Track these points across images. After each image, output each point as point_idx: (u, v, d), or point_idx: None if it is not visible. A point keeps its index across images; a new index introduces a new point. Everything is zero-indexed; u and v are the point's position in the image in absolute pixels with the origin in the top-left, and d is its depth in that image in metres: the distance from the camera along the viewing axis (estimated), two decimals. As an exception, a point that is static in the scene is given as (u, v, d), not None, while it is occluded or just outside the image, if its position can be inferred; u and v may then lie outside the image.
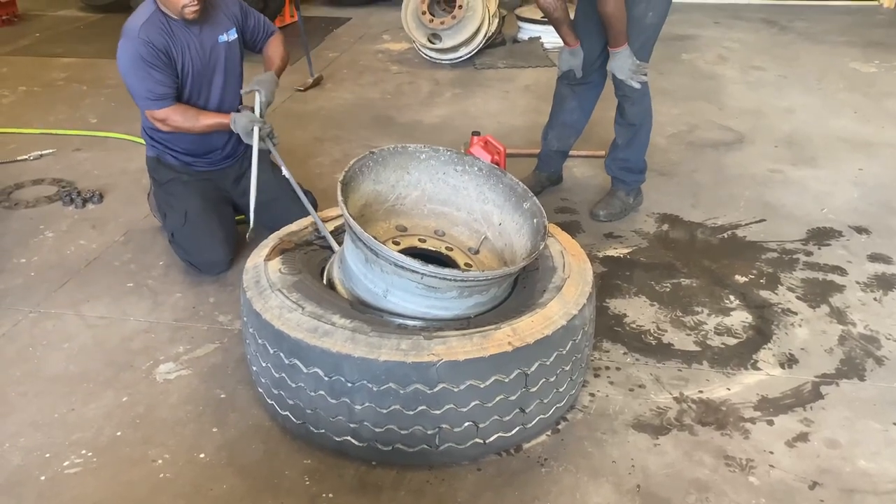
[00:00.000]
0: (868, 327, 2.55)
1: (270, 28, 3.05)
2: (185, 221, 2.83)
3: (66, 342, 2.52)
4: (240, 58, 2.94)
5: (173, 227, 2.87)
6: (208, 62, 2.82)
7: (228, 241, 2.88)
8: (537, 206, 2.20)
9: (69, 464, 2.03)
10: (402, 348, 1.86)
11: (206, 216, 2.85)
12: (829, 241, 3.08)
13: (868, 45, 5.72)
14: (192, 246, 2.84)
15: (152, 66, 2.66)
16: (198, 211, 2.84)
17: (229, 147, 3.00)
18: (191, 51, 2.75)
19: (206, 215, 2.85)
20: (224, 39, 2.84)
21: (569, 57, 3.09)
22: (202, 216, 2.84)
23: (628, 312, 2.65)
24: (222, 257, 2.85)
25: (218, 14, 2.83)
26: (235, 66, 2.93)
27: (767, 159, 3.85)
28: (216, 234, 2.84)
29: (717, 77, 5.13)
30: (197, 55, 2.77)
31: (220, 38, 2.83)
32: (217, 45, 2.83)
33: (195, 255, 2.85)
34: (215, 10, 2.82)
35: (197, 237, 2.83)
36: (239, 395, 2.27)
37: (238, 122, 2.70)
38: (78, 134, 4.23)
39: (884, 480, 1.96)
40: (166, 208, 2.92)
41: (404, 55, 5.72)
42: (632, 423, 2.16)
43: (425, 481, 1.97)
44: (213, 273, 2.85)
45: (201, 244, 2.83)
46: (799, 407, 2.21)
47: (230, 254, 2.88)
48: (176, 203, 2.88)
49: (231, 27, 2.87)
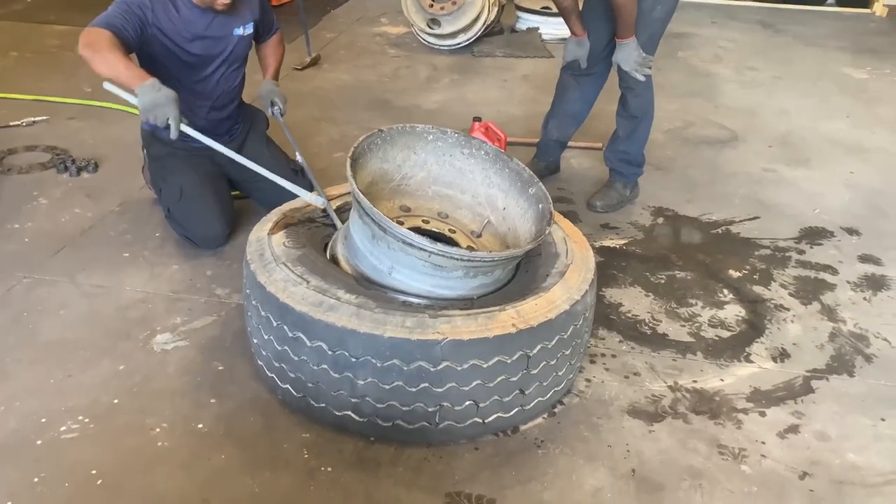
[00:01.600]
0: (858, 325, 2.60)
1: (275, 25, 3.04)
2: (180, 197, 2.81)
3: (61, 309, 2.50)
4: (247, 52, 2.92)
5: (169, 203, 2.85)
6: (212, 50, 2.77)
7: (225, 216, 2.87)
8: (543, 192, 2.22)
9: (66, 429, 2.02)
10: (408, 325, 1.87)
11: (201, 191, 2.82)
12: (820, 240, 3.13)
13: (860, 52, 5.78)
14: (189, 221, 2.82)
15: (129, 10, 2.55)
16: (193, 186, 2.82)
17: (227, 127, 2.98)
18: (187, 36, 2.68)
19: (201, 190, 2.82)
20: (239, 33, 2.80)
21: (575, 47, 3.10)
22: (198, 191, 2.82)
23: (624, 302, 2.68)
24: (219, 232, 2.84)
25: (240, 5, 2.79)
26: (240, 59, 2.89)
27: (762, 158, 3.89)
28: (213, 209, 2.83)
29: (712, 75, 5.17)
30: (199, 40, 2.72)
31: (236, 31, 2.79)
32: (230, 36, 2.78)
33: (192, 230, 2.83)
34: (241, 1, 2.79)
35: (193, 212, 2.81)
36: (237, 367, 2.27)
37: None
38: (72, 102, 4.17)
39: (872, 474, 2.01)
40: (161, 183, 2.89)
41: (402, 39, 5.70)
42: (627, 410, 2.19)
43: (423, 458, 1.98)
44: (210, 248, 2.84)
45: (198, 219, 2.81)
46: (790, 400, 2.25)
47: (227, 228, 2.87)
48: (171, 178, 2.85)
49: (249, 21, 2.84)
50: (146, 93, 2.40)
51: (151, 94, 2.40)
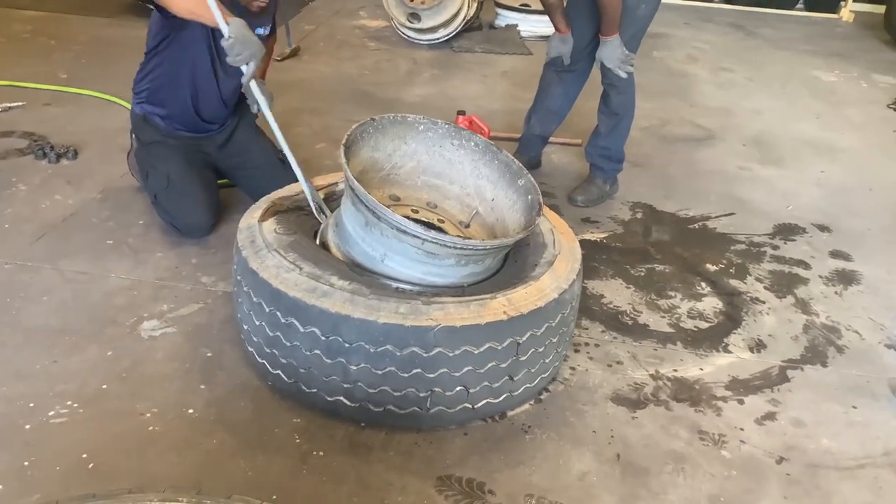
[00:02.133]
0: (830, 318, 2.69)
1: (275, 27, 3.04)
2: (167, 184, 2.79)
3: (44, 295, 2.48)
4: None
5: (156, 190, 2.83)
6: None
7: (211, 206, 2.86)
8: (532, 184, 2.26)
9: (54, 413, 2.01)
10: (401, 312, 1.90)
11: (188, 180, 2.81)
12: (794, 236, 3.23)
13: (829, 55, 5.94)
14: (175, 209, 2.81)
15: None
16: (180, 174, 2.80)
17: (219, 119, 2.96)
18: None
19: (188, 179, 2.81)
20: (261, 32, 2.80)
21: (559, 44, 3.15)
22: (185, 180, 2.80)
23: (605, 293, 2.74)
24: (205, 221, 2.83)
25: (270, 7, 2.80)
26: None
27: (736, 157, 3.99)
28: (199, 198, 2.82)
29: (687, 76, 5.27)
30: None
31: (258, 30, 2.76)
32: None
33: (178, 218, 2.82)
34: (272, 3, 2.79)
35: (180, 201, 2.80)
36: (226, 354, 2.28)
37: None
38: (48, 89, 4.11)
39: (845, 458, 2.09)
40: (149, 169, 2.86)
41: (381, 32, 5.71)
42: (611, 397, 2.24)
43: (414, 443, 2.01)
44: (195, 236, 2.83)
45: (184, 208, 2.80)
46: (767, 388, 2.33)
47: (213, 218, 2.86)
48: (159, 165, 2.82)
49: (268, 23, 2.85)
50: (239, 28, 2.38)
51: (243, 31, 2.39)
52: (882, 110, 4.85)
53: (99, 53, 4.68)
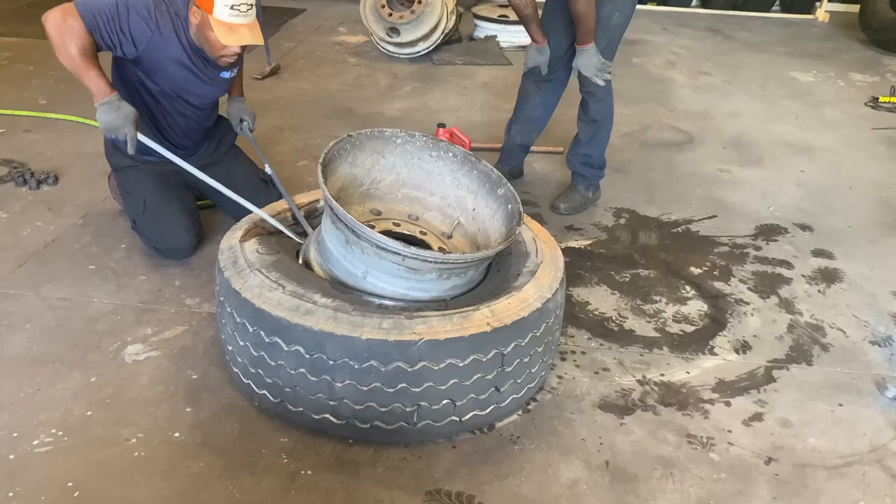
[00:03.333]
0: (814, 317, 2.71)
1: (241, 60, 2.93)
2: (144, 209, 2.78)
3: (27, 323, 2.46)
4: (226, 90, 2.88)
5: (134, 214, 2.82)
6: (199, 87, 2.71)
7: (191, 226, 2.84)
8: (512, 193, 2.27)
9: (38, 443, 1.99)
10: (384, 327, 1.90)
11: (165, 202, 2.79)
12: (776, 237, 3.25)
13: (805, 56, 6.00)
14: (154, 233, 2.79)
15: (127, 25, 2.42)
16: (156, 197, 2.78)
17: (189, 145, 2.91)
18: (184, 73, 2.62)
19: (165, 201, 2.79)
20: (227, 76, 2.75)
21: (535, 54, 3.17)
22: (161, 202, 2.78)
23: (591, 300, 2.75)
24: (186, 243, 2.82)
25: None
26: (218, 96, 2.85)
27: (717, 160, 4.02)
28: (178, 220, 2.80)
29: (666, 81, 5.30)
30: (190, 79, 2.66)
31: (224, 74, 2.73)
32: (218, 78, 2.73)
33: (158, 241, 2.80)
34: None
35: (158, 224, 2.78)
36: (211, 375, 2.27)
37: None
38: (27, 115, 4.10)
39: (832, 456, 2.09)
40: (125, 194, 2.86)
41: (361, 48, 5.73)
42: (598, 404, 2.24)
43: (402, 458, 2.01)
44: (177, 258, 2.82)
45: (163, 231, 2.79)
46: (753, 389, 2.34)
47: (194, 239, 2.85)
48: (134, 189, 2.81)
49: (237, 65, 2.77)
50: (105, 112, 2.39)
51: (110, 115, 2.40)
52: (859, 108, 4.89)
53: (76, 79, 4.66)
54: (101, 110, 2.40)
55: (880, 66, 5.85)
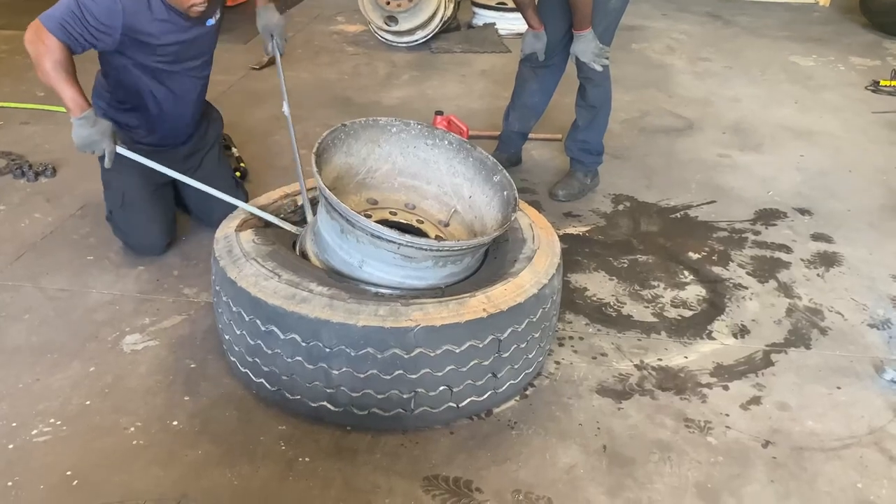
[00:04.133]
0: (812, 301, 2.70)
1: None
2: (122, 203, 2.73)
3: (26, 314, 2.47)
4: (216, 40, 2.78)
5: (111, 206, 2.77)
6: (186, 49, 2.63)
7: (165, 226, 2.79)
8: (507, 179, 2.26)
9: (37, 432, 2.00)
10: (381, 314, 1.90)
11: (144, 199, 2.73)
12: (775, 221, 3.24)
13: (806, 41, 5.96)
14: (128, 228, 2.76)
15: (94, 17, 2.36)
16: (135, 193, 2.72)
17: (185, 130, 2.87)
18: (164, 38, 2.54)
19: (144, 198, 2.73)
20: (212, 22, 2.66)
21: (532, 40, 3.16)
22: (139, 198, 2.72)
23: (589, 286, 2.74)
24: (158, 242, 2.78)
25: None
26: (211, 49, 2.77)
27: (716, 145, 4.00)
28: (153, 219, 2.75)
29: (666, 67, 5.28)
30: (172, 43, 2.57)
31: (209, 22, 2.64)
32: (204, 28, 2.63)
33: (130, 236, 2.78)
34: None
35: (133, 220, 2.74)
36: (209, 364, 2.27)
37: None
38: (25, 107, 4.10)
39: (830, 439, 2.10)
40: (105, 184, 2.79)
41: (359, 37, 5.71)
42: (596, 389, 2.25)
43: (400, 445, 2.01)
44: (146, 255, 2.78)
45: (137, 227, 2.75)
46: (751, 373, 2.34)
47: (167, 238, 2.80)
48: (115, 182, 2.74)
49: (217, 8, 2.68)
50: (81, 127, 2.34)
51: (86, 129, 2.34)
52: (860, 93, 4.86)
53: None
54: (77, 125, 2.34)
55: (881, 49, 5.81)
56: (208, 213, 2.86)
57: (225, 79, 4.68)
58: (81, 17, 2.35)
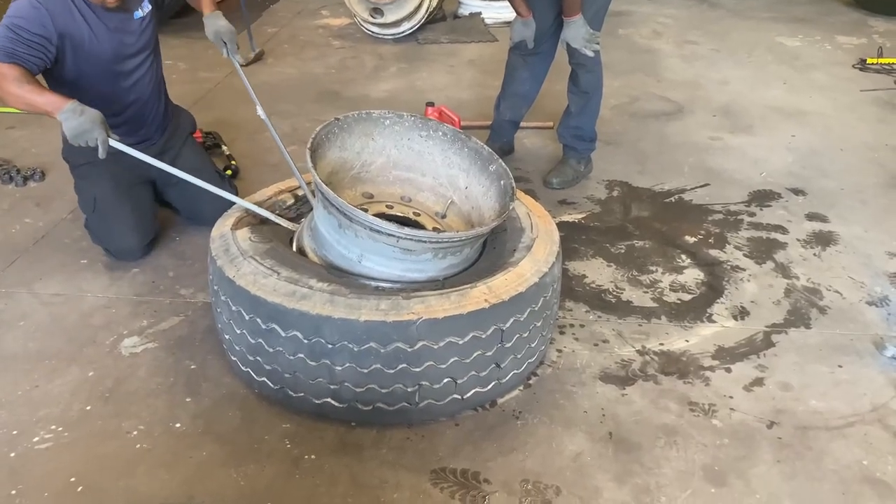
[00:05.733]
0: (810, 280, 2.71)
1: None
2: (94, 208, 2.68)
3: (21, 320, 2.44)
4: (155, 30, 2.73)
5: (86, 212, 2.73)
6: (121, 44, 2.58)
7: (140, 228, 2.73)
8: (503, 168, 2.25)
9: (39, 439, 1.98)
10: (382, 308, 1.89)
11: (116, 202, 2.68)
12: (769, 202, 3.24)
13: (792, 21, 5.97)
14: (103, 232, 2.72)
15: (28, 31, 2.34)
16: (107, 196, 2.67)
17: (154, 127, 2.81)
18: (97, 37, 2.50)
19: (116, 201, 2.68)
20: (140, 15, 2.61)
21: (521, 28, 3.14)
22: (112, 202, 2.67)
23: (587, 273, 2.74)
24: (134, 245, 2.73)
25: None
26: (149, 43, 2.70)
27: (707, 128, 4.00)
28: (127, 222, 2.70)
29: (653, 51, 5.27)
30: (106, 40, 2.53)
31: (136, 14, 2.60)
32: (131, 22, 2.59)
33: (106, 241, 2.74)
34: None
35: (107, 224, 2.70)
36: (210, 365, 2.25)
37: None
38: (10, 112, 4.04)
39: (833, 417, 2.10)
40: (78, 191, 2.76)
41: (345, 30, 5.67)
42: (599, 376, 2.24)
43: (405, 438, 2.00)
44: (126, 259, 2.74)
45: (111, 231, 2.70)
46: (753, 355, 2.34)
47: (144, 240, 2.75)
48: (86, 188, 2.70)
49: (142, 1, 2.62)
50: (69, 119, 2.26)
51: (76, 119, 2.26)
52: (847, 71, 4.88)
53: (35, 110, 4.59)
54: (65, 118, 2.26)
55: (866, 27, 5.83)
56: (198, 212, 2.84)
57: (211, 76, 4.64)
58: (17, 36, 2.34)
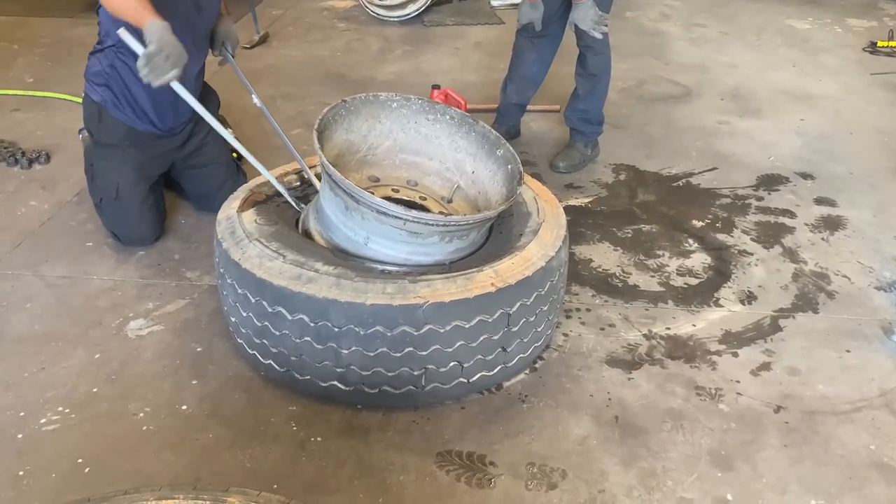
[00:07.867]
0: (818, 265, 2.69)
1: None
2: (116, 195, 2.66)
3: (27, 302, 2.44)
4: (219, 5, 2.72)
5: (102, 195, 2.70)
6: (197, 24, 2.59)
7: (155, 220, 2.75)
8: (511, 153, 2.23)
9: (46, 421, 1.99)
10: (388, 292, 1.88)
11: (137, 193, 2.67)
12: (777, 186, 3.22)
13: (801, 3, 5.90)
14: (120, 219, 2.71)
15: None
16: (130, 187, 2.65)
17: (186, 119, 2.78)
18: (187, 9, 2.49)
19: (138, 192, 2.67)
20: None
21: (529, 10, 3.11)
22: (134, 193, 2.66)
23: (594, 257, 2.73)
24: (148, 235, 2.74)
25: None
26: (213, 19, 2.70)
27: (715, 111, 3.97)
28: (146, 215, 2.71)
29: (661, 34, 5.22)
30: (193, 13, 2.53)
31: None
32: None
33: (120, 228, 2.73)
34: None
35: (125, 213, 2.69)
36: (216, 347, 2.26)
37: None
38: (14, 94, 4.03)
39: (841, 402, 2.10)
40: (97, 172, 2.70)
41: (350, 12, 5.62)
42: (605, 360, 2.24)
43: (411, 421, 2.01)
44: (134, 246, 2.74)
45: (129, 220, 2.70)
46: (760, 339, 2.33)
47: (157, 231, 2.76)
48: (109, 173, 2.66)
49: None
50: (160, 31, 2.10)
51: (168, 36, 2.12)
52: (857, 54, 4.83)
53: (64, 54, 4.59)
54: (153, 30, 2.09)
55: (877, 10, 5.76)
56: (210, 202, 2.82)
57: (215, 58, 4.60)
58: None
